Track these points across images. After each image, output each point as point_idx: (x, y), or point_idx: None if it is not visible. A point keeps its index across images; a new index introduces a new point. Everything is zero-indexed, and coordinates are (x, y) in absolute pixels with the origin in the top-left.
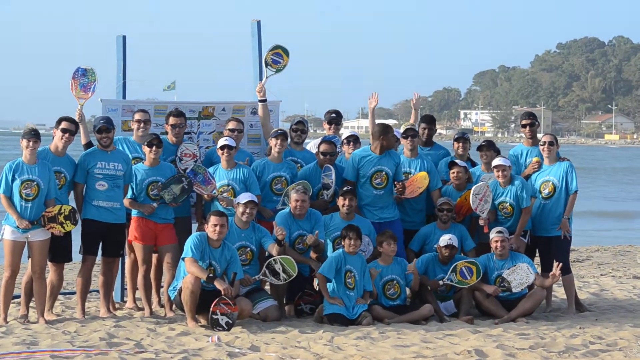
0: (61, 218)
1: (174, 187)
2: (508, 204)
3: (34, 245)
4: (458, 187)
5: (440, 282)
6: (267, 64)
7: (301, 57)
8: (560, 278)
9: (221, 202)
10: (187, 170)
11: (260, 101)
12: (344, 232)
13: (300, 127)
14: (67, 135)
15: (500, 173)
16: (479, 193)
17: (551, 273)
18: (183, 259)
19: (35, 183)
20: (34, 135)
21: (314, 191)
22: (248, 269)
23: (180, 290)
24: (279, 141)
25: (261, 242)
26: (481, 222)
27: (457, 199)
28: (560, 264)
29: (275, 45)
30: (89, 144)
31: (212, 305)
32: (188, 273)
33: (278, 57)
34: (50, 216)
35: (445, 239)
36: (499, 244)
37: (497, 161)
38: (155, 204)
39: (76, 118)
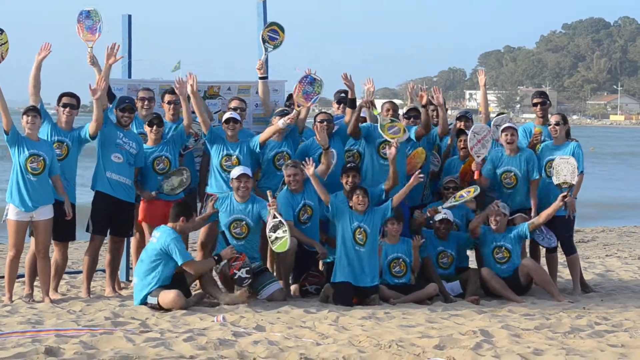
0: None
1: (173, 178)
2: (513, 173)
3: (39, 225)
4: (463, 157)
5: (439, 213)
6: (264, 41)
7: (307, 37)
8: (566, 257)
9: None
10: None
11: (260, 78)
12: (349, 194)
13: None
14: (68, 109)
15: (508, 137)
16: (479, 133)
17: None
18: (181, 265)
19: (41, 158)
20: (32, 109)
21: (315, 157)
22: (244, 244)
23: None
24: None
25: (260, 214)
26: (473, 167)
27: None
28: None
29: (270, 22)
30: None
31: (229, 270)
32: (195, 272)
33: (274, 33)
34: None
35: (440, 214)
36: (493, 218)
37: (509, 124)
38: (153, 193)
39: (87, 61)
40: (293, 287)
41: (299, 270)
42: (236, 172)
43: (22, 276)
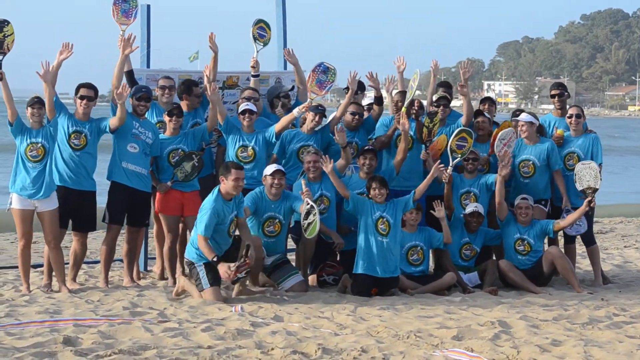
0: None
1: (185, 164)
2: (531, 162)
3: (44, 216)
4: (482, 138)
5: (449, 170)
6: (255, 39)
7: (325, 27)
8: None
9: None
10: None
11: (253, 76)
12: (368, 184)
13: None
14: (85, 101)
15: (523, 129)
16: (504, 138)
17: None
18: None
19: (40, 145)
20: (37, 101)
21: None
22: (274, 241)
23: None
24: (317, 117)
25: (292, 207)
26: (501, 173)
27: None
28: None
29: (257, 20)
30: (130, 72)
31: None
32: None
33: (262, 30)
34: None
35: (470, 207)
36: (522, 210)
37: (524, 117)
38: (169, 183)
39: (118, 45)
40: (311, 278)
41: (317, 261)
42: (270, 169)
43: (40, 266)
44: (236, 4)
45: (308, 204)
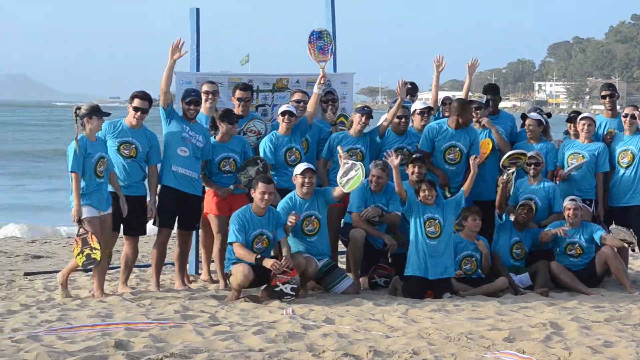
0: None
1: (250, 169)
2: (581, 155)
3: (104, 220)
4: (533, 139)
5: (504, 177)
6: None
7: (376, 29)
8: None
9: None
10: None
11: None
12: (416, 187)
13: (330, 97)
14: (139, 113)
15: (585, 126)
16: (573, 164)
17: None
18: (230, 243)
19: (105, 159)
20: (97, 112)
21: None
22: (316, 239)
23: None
24: (363, 118)
25: (325, 198)
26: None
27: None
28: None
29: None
30: None
31: (271, 281)
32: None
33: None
34: None
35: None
36: (571, 211)
37: (588, 114)
38: (232, 187)
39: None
40: (362, 280)
41: (368, 263)
42: (300, 167)
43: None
44: (287, 6)
45: (347, 163)
